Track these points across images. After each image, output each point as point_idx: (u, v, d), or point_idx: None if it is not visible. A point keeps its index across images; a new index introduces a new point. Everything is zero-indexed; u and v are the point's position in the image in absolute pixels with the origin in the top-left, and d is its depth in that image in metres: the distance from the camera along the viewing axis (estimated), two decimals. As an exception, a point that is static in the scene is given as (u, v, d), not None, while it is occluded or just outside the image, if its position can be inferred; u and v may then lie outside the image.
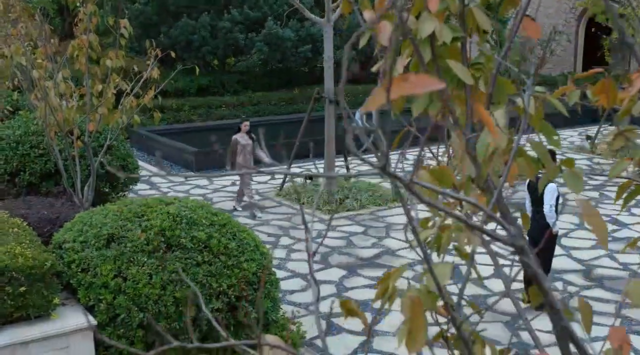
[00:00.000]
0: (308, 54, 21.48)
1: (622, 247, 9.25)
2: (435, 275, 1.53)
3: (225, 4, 21.23)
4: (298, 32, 21.27)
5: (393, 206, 11.53)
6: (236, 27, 20.80)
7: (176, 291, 5.27)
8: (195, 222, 5.74)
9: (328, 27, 11.60)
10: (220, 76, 22.16)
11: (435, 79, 0.96)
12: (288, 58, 21.44)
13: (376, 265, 8.75)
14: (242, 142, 10.98)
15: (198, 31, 20.41)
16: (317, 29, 21.28)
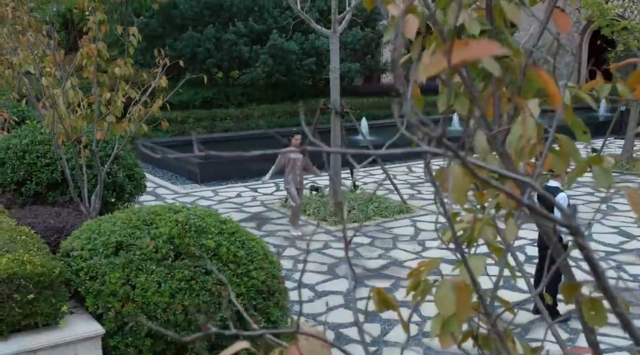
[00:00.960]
0: (312, 67, 21.52)
1: (629, 258, 9.20)
2: (469, 268, 1.49)
3: (230, 17, 21.30)
4: (302, 45, 21.33)
5: (399, 217, 11.48)
6: (241, 39, 20.86)
7: (185, 299, 5.22)
8: (204, 230, 5.69)
9: (334, 39, 11.61)
10: (225, 89, 22.20)
11: (496, 44, 0.92)
12: (292, 71, 21.47)
13: (383, 276, 8.69)
14: (292, 155, 10.39)
15: (203, 43, 20.47)
16: (322, 42, 21.34)
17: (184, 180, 14.97)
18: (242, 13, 21.35)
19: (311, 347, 1.28)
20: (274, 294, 5.76)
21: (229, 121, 20.42)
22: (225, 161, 15.24)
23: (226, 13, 21.26)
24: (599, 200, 12.63)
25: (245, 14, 21.37)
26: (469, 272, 1.48)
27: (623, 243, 10.00)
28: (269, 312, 5.64)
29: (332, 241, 10.22)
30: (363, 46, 23.01)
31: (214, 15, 21.29)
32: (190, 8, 20.72)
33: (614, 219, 11.32)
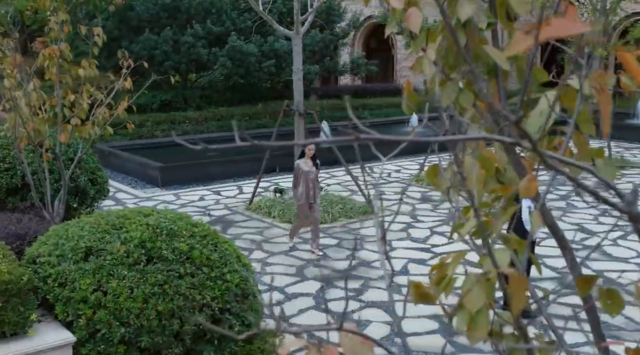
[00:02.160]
0: (272, 69, 21.43)
1: (593, 254, 9.37)
2: (495, 261, 1.46)
3: (187, 19, 21.08)
4: (261, 48, 21.23)
5: (364, 219, 11.50)
6: (199, 41, 20.65)
7: (159, 304, 5.10)
8: (175, 234, 5.59)
9: (297, 40, 11.58)
10: (183, 91, 21.96)
11: (579, 23, 0.89)
12: (252, 73, 21.35)
13: (352, 276, 8.67)
14: (305, 168, 9.60)
15: (160, 46, 20.20)
16: (281, 44, 21.28)
17: (144, 185, 14.72)
18: (199, 15, 21.14)
19: (352, 344, 1.24)
20: (248, 297, 5.68)
21: (187, 124, 20.20)
22: (186, 164, 15.07)
23: (183, 15, 21.03)
24: (558, 197, 12.86)
25: (203, 16, 21.17)
26: (494, 265, 1.46)
27: (584, 239, 10.19)
28: (244, 316, 5.56)
29: (299, 243, 10.16)
30: (322, 48, 23.02)
31: (171, 18, 21.04)
32: (147, 10, 20.44)
33: (574, 216, 11.54)
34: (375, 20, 29.27)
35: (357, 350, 1.22)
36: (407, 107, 2.67)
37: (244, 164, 15.60)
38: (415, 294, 1.44)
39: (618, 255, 9.36)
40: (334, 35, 24.17)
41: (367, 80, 30.41)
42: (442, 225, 11.05)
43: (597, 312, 1.76)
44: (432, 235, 10.46)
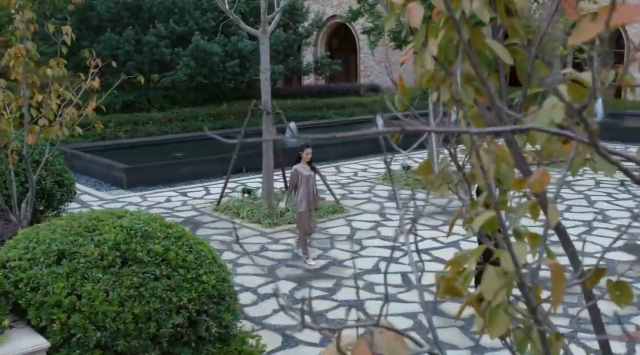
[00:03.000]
0: (236, 69, 21.30)
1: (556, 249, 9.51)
2: (514, 254, 1.46)
3: (150, 18, 20.83)
4: (225, 47, 21.08)
5: (334, 217, 11.50)
6: (162, 41, 20.42)
7: (135, 307, 5.02)
8: (150, 235, 5.50)
9: (264, 39, 11.53)
10: (146, 92, 21.68)
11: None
12: (215, 73, 21.19)
13: (325, 276, 8.66)
14: (304, 173, 9.21)
15: (122, 46, 19.93)
16: (245, 44, 21.17)
17: (109, 187, 14.49)
18: (162, 15, 20.91)
19: (386, 340, 1.22)
20: (225, 298, 5.63)
21: (151, 125, 19.96)
22: (152, 166, 14.88)
23: (145, 14, 20.77)
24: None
25: (165, 16, 20.95)
26: (513, 258, 1.46)
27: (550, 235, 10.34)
28: (221, 317, 5.50)
29: (269, 243, 10.12)
30: (286, 48, 22.98)
31: (133, 17, 20.77)
32: (108, 9, 20.13)
33: (540, 212, 11.71)
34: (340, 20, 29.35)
35: (391, 346, 1.20)
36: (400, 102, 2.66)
37: (211, 165, 15.48)
38: (444, 288, 1.42)
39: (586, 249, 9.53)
40: (297, 35, 24.14)
41: (330, 80, 30.45)
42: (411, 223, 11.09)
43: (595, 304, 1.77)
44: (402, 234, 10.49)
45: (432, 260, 9.23)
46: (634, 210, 11.75)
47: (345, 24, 30.58)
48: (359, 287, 8.29)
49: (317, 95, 25.83)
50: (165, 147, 18.42)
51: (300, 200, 9.09)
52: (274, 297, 7.95)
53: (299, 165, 9.35)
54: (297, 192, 9.14)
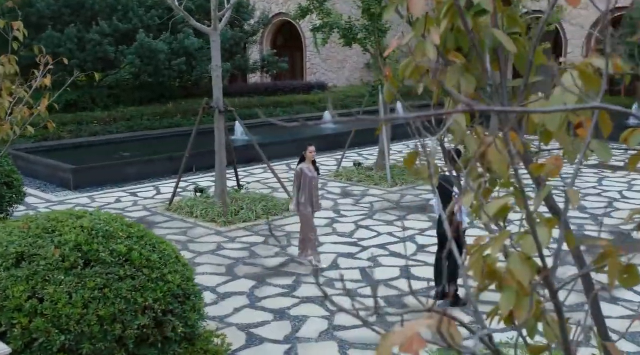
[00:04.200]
0: (182, 67, 21.01)
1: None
2: (537, 237, 1.47)
3: (92, 16, 20.35)
4: (171, 45, 20.77)
5: (288, 215, 11.46)
6: (105, 39, 19.98)
7: (99, 309, 4.90)
8: (112, 235, 5.38)
9: (215, 36, 11.40)
10: (89, 90, 21.18)
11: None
12: (161, 71, 20.85)
13: (284, 273, 8.63)
14: (308, 174, 8.73)
15: (64, 44, 19.41)
16: (191, 42, 20.91)
17: (54, 188, 14.09)
18: (105, 12, 20.46)
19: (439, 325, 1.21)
20: (190, 297, 5.55)
21: (96, 125, 19.50)
22: (100, 166, 14.56)
23: (88, 12, 20.29)
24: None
25: (108, 13, 20.51)
26: (537, 243, 1.47)
27: (502, 228, 10.56)
28: (186, 316, 5.42)
29: (225, 242, 10.02)
30: (232, 45, 22.79)
31: (75, 14, 20.26)
32: (48, 6, 19.57)
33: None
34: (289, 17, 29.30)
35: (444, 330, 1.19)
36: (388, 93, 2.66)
37: (159, 164, 15.25)
38: (487, 273, 1.41)
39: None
40: (244, 33, 23.99)
41: (275, 78, 30.35)
42: (365, 219, 11.17)
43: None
44: (358, 229, 10.56)
45: (389, 254, 9.29)
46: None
47: (290, 22, 30.54)
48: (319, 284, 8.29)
49: (263, 93, 25.72)
50: (111, 146, 18.04)
51: (304, 201, 8.68)
52: (234, 295, 7.88)
53: (304, 165, 8.81)
54: (301, 192, 8.71)
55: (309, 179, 8.68)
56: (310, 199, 8.69)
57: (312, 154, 8.82)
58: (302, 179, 8.68)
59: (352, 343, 6.56)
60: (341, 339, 6.67)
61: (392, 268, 8.73)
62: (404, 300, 7.66)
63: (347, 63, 29.70)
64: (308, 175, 8.69)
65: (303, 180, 8.67)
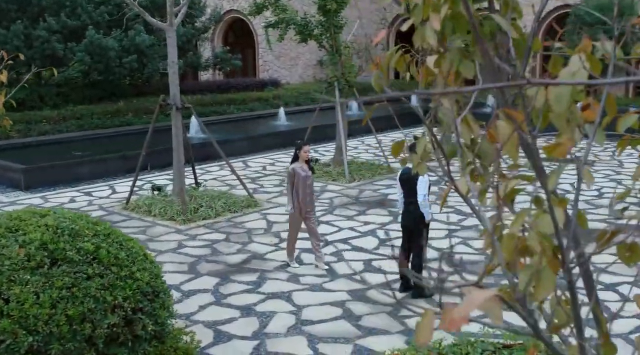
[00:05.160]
0: (134, 65, 20.66)
1: (471, 234, 9.87)
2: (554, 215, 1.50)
3: (39, 12, 19.84)
4: (122, 42, 20.40)
5: (248, 212, 11.41)
6: (54, 36, 19.50)
7: (68, 308, 4.79)
8: (78, 234, 5.26)
9: (171, 32, 11.26)
10: (38, 89, 20.65)
11: None
12: (112, 69, 20.46)
13: (247, 270, 8.59)
14: (302, 173, 8.43)
15: (10, 41, 18.86)
16: (142, 39, 20.57)
17: (4, 189, 13.71)
18: (52, 8, 19.95)
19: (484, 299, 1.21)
20: (159, 295, 5.47)
21: (45, 124, 19.02)
22: (52, 165, 14.22)
23: (35, 8, 19.76)
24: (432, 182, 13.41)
25: (56, 9, 20.01)
26: (554, 221, 1.49)
27: (461, 220, 10.73)
28: (156, 314, 5.34)
29: (186, 240, 9.91)
30: (184, 43, 22.50)
31: (21, 11, 19.70)
32: (-8, 2, 19.01)
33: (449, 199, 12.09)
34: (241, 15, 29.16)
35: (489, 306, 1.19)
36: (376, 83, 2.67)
37: (113, 163, 15.00)
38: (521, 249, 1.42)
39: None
40: (195, 30, 23.73)
41: (227, 76, 30.13)
42: (326, 214, 11.19)
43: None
44: (319, 225, 10.55)
45: (352, 249, 9.34)
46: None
47: (242, 19, 30.37)
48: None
49: (216, 90, 25.50)
50: (61, 146, 17.64)
51: (297, 203, 8.44)
52: (199, 293, 7.80)
53: (296, 164, 8.54)
54: (294, 193, 8.45)
55: (302, 179, 8.42)
56: (304, 199, 8.41)
57: (306, 154, 8.57)
58: (295, 179, 8.43)
59: (321, 337, 6.57)
60: (310, 333, 6.67)
61: (356, 262, 8.77)
62: (367, 293, 7.70)
63: (300, 60, 29.70)
64: (301, 175, 8.42)
65: (296, 180, 8.41)
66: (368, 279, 8.18)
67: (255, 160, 16.59)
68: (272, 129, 20.47)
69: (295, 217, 8.53)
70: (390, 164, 15.11)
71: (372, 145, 18.13)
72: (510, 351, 3.79)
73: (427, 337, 1.20)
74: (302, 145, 8.58)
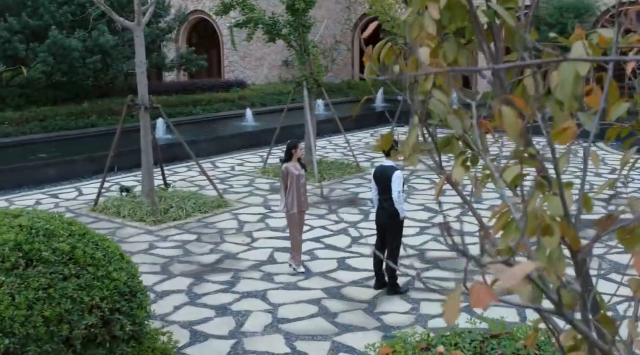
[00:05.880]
0: (97, 66, 20.38)
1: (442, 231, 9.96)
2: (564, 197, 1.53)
3: (0, 12, 19.46)
4: (85, 43, 20.10)
5: (219, 212, 11.35)
6: (15, 36, 19.14)
7: (45, 310, 4.71)
8: (53, 234, 5.17)
9: (138, 31, 11.15)
10: (-1, 90, 20.28)
11: None
12: (75, 70, 20.16)
13: (221, 270, 8.54)
14: (295, 172, 8.27)
15: (-30, 41, 18.50)
16: (106, 39, 20.31)
17: (-34, 192, 13.41)
18: (13, 8, 19.60)
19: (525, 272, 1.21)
20: (136, 294, 5.41)
21: (7, 125, 18.65)
22: (16, 167, 13.96)
23: (-6, 8, 19.41)
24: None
25: (17, 9, 19.66)
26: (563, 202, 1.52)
27: (431, 218, 10.83)
28: (134, 314, 5.29)
29: (157, 241, 9.82)
30: (149, 43, 22.26)
31: (-20, 11, 19.34)
32: (-49, 2, 18.61)
33: (418, 197, 12.22)
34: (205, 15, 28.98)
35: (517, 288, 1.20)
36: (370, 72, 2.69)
37: (80, 164, 14.79)
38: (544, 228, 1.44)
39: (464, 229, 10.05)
40: (160, 30, 23.53)
41: (192, 77, 29.91)
42: (297, 214, 11.18)
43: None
44: (291, 224, 10.55)
45: (325, 247, 9.35)
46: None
47: (206, 19, 30.19)
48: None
49: (181, 91, 25.30)
50: (25, 147, 17.34)
51: (291, 201, 8.25)
52: (173, 294, 7.73)
53: (290, 163, 8.34)
54: (288, 192, 8.28)
55: (296, 178, 8.26)
56: (299, 198, 8.27)
57: (299, 152, 8.44)
58: (289, 178, 8.28)
59: (298, 335, 6.57)
60: (287, 331, 6.67)
61: (329, 260, 8.79)
62: (342, 291, 7.73)
63: (266, 61, 29.64)
64: (295, 174, 8.26)
65: (290, 179, 8.26)
66: (342, 277, 8.20)
67: (223, 160, 16.51)
68: (240, 129, 20.39)
69: (294, 218, 8.33)
70: (360, 162, 15.18)
71: (340, 145, 18.19)
72: (499, 340, 3.86)
73: (454, 316, 1.21)
74: (296, 143, 8.47)
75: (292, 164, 8.36)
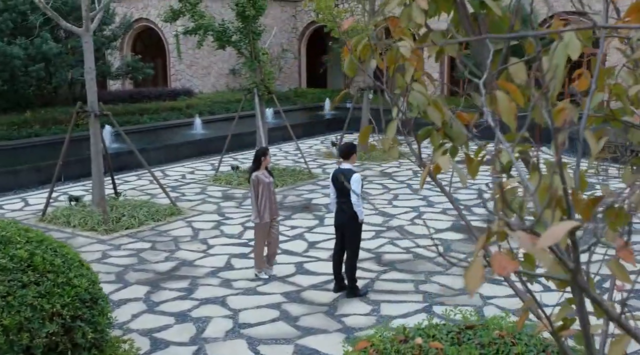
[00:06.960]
0: (41, 74, 19.91)
1: (397, 234, 10.08)
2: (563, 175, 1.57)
3: (-64, 19, 18.84)
4: (27, 50, 19.62)
5: (172, 220, 11.21)
6: (-47, 44, 18.55)
7: (4, 318, 4.57)
8: (10, 241, 5.04)
9: (87, 37, 10.96)
10: None
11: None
12: (17, 78, 19.64)
13: (178, 277, 8.43)
14: (265, 180, 8.19)
15: None
16: (49, 47, 19.87)
17: None
18: (-50, 15, 19.01)
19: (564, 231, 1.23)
20: (97, 301, 5.31)
21: (-54, 136, 18.03)
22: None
23: None
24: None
25: (-45, 16, 19.07)
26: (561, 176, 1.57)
27: (385, 222, 10.93)
28: (95, 322, 5.18)
29: (110, 250, 9.63)
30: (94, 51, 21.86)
31: None
32: None
33: (373, 201, 12.32)
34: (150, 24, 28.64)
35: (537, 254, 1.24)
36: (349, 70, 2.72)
37: (24, 174, 14.39)
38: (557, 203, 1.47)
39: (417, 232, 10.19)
40: (105, 38, 23.14)
41: (138, 85, 29.49)
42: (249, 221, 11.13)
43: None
44: (246, 230, 10.50)
45: (282, 252, 9.33)
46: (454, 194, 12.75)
47: (151, 28, 29.83)
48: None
49: (128, 100, 24.90)
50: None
51: (263, 209, 8.11)
52: (129, 302, 7.59)
53: (259, 172, 8.22)
54: (260, 201, 8.13)
55: (267, 185, 8.16)
56: (271, 206, 8.18)
57: (267, 160, 8.37)
58: (260, 186, 8.14)
59: (261, 339, 6.54)
60: (249, 336, 6.62)
61: (287, 265, 8.77)
62: (302, 295, 7.72)
63: (213, 69, 29.45)
64: (265, 182, 8.17)
65: (262, 187, 8.14)
66: (301, 281, 8.19)
67: (173, 169, 16.32)
68: (189, 137, 20.18)
69: (261, 226, 8.20)
70: (312, 169, 15.23)
71: (291, 152, 18.22)
72: (474, 331, 3.93)
73: (476, 285, 1.24)
74: (265, 151, 8.40)
75: (262, 172, 8.26)
